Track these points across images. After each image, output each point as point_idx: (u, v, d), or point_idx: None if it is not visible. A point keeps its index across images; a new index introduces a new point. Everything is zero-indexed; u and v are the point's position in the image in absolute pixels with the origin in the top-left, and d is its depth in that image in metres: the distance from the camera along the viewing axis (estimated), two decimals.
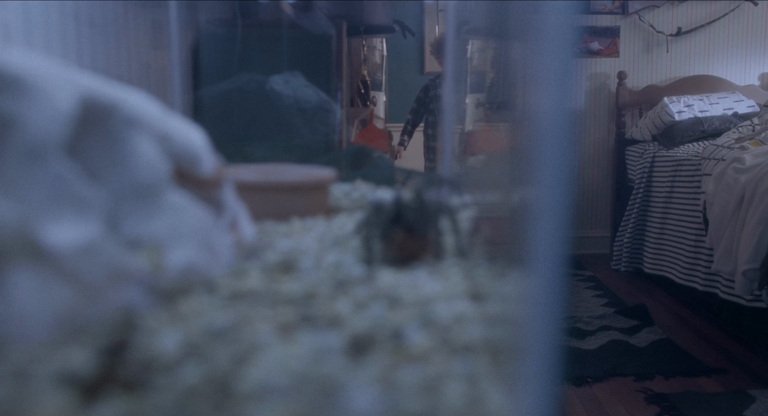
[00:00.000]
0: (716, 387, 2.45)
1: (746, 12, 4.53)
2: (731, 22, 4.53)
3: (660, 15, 4.49)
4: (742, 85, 4.51)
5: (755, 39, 4.58)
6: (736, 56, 4.58)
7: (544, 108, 0.33)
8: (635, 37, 4.50)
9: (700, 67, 4.56)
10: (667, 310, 3.37)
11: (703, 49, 4.55)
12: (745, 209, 2.67)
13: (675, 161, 3.59)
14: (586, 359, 2.70)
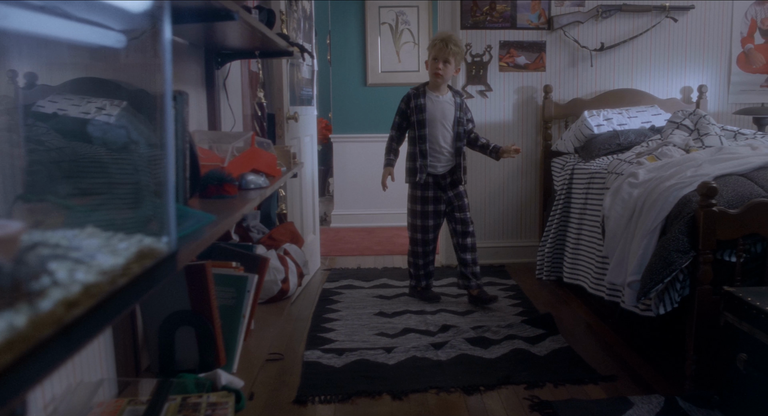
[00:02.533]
0: (601, 394, 2.56)
1: (667, 28, 4.69)
2: (653, 37, 4.68)
3: (584, 30, 4.62)
4: (664, 99, 4.66)
5: (676, 54, 4.73)
6: (659, 70, 4.73)
7: None
8: (561, 52, 4.63)
9: (624, 81, 4.70)
10: (577, 319, 3.48)
11: (626, 64, 4.69)
12: (635, 222, 2.79)
13: (589, 174, 3.71)
14: (484, 368, 2.80)
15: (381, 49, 6.13)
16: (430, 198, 3.67)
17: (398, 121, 3.72)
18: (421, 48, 6.10)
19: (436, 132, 3.61)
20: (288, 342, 3.17)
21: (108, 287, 0.68)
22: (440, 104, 3.64)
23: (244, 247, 2.08)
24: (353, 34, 6.14)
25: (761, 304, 2.16)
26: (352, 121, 6.22)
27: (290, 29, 3.69)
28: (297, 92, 3.93)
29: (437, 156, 3.63)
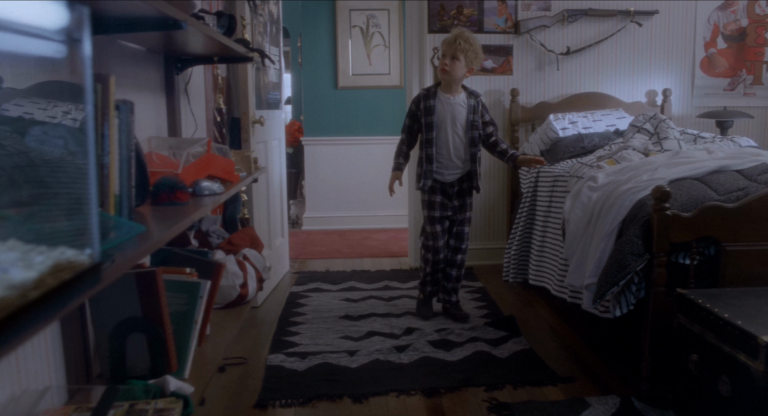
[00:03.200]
0: (559, 396, 2.59)
1: (632, 32, 4.75)
2: (618, 41, 4.75)
3: (551, 35, 4.67)
4: (630, 102, 4.72)
5: (641, 58, 4.80)
6: (624, 74, 4.79)
7: None
8: (528, 56, 4.67)
9: (589, 85, 4.76)
10: (541, 320, 3.52)
11: (592, 68, 4.75)
12: (593, 225, 2.83)
13: (554, 177, 3.75)
14: (446, 371, 2.82)
15: (352, 52, 6.14)
16: (437, 204, 3.46)
17: (408, 123, 3.50)
18: (392, 51, 6.12)
19: (446, 136, 3.38)
20: (252, 346, 3.18)
21: (17, 302, 0.68)
22: (451, 106, 3.39)
23: (200, 253, 2.09)
24: (324, 37, 6.15)
25: (711, 306, 2.21)
26: (324, 124, 6.23)
27: (255, 33, 3.70)
28: (263, 96, 3.94)
29: (445, 162, 3.40)
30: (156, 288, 1.69)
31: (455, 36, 3.36)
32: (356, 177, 6.25)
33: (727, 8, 4.88)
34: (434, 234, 3.49)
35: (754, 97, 4.97)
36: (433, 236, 3.49)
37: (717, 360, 2.17)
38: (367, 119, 6.23)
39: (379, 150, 6.18)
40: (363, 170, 6.24)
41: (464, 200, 3.51)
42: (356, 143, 6.24)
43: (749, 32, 4.91)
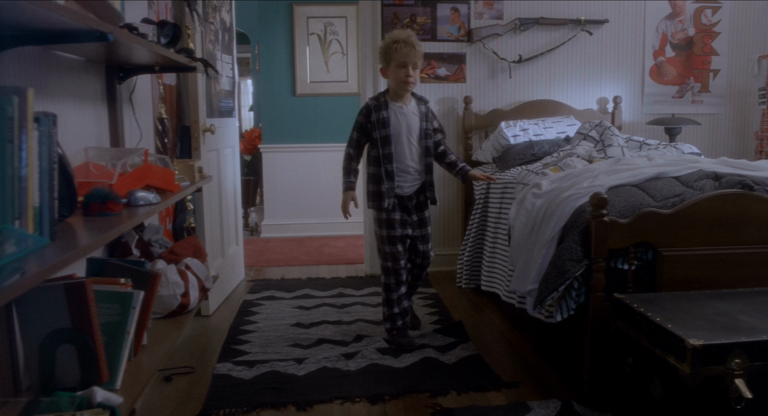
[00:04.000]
0: (502, 400, 2.63)
1: (583, 41, 4.84)
2: (569, 50, 4.83)
3: (503, 43, 4.74)
4: (581, 109, 4.80)
5: (592, 66, 4.88)
6: (575, 82, 4.88)
7: None
8: (481, 64, 4.73)
9: (542, 92, 4.83)
10: (491, 326, 3.56)
11: (544, 75, 4.82)
12: (536, 232, 2.87)
13: (504, 183, 3.80)
14: (392, 377, 2.84)
15: (310, 60, 6.16)
16: (397, 221, 3.18)
17: (356, 137, 3.19)
18: (350, 58, 6.14)
19: (403, 149, 3.14)
20: (201, 355, 3.17)
21: None
22: (405, 117, 3.15)
23: (136, 263, 2.08)
24: (282, 44, 6.16)
25: (645, 310, 2.26)
26: (282, 131, 6.23)
27: (205, 42, 3.70)
28: (215, 104, 3.93)
29: (404, 176, 3.17)
30: (85, 299, 1.68)
31: (409, 42, 3.08)
32: (315, 184, 6.26)
33: (674, 18, 4.99)
34: (395, 255, 3.20)
35: (702, 104, 5.09)
36: (394, 258, 3.20)
37: (650, 363, 2.22)
38: (325, 126, 6.24)
39: (337, 157, 6.09)
40: (322, 177, 6.25)
41: (423, 214, 3.28)
42: (315, 150, 6.25)
43: (696, 41, 5.03)
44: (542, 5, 4.76)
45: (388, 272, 3.22)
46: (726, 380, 1.99)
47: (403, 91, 3.15)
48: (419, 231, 3.27)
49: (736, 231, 2.63)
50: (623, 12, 4.89)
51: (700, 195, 2.65)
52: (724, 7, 5.02)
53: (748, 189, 2.69)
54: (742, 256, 2.64)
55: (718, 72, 5.09)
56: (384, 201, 3.14)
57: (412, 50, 3.08)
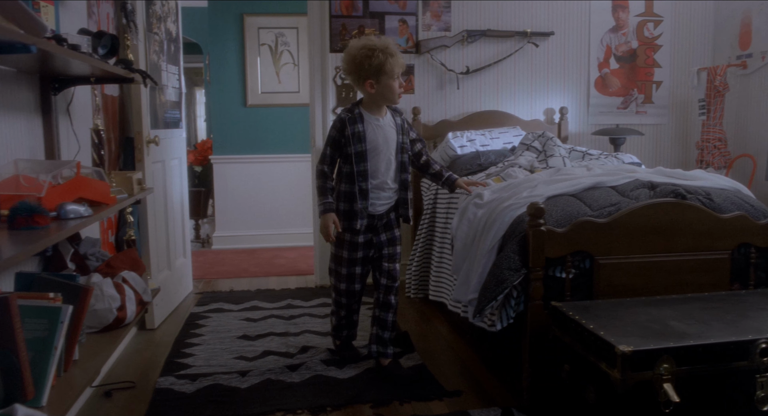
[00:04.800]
0: (444, 410, 2.64)
1: (529, 52, 4.92)
2: (516, 61, 4.90)
3: (451, 54, 4.79)
4: (528, 120, 4.87)
5: (538, 77, 4.97)
6: (522, 93, 4.95)
7: None
8: (429, 75, 4.77)
9: (489, 103, 4.89)
10: (438, 336, 3.58)
11: (491, 87, 4.89)
12: (478, 241, 2.90)
13: (450, 194, 3.83)
14: (336, 388, 2.84)
15: (261, 70, 6.14)
16: (361, 244, 2.97)
17: (330, 153, 2.91)
18: (301, 69, 6.14)
19: (379, 165, 2.90)
20: (143, 370, 3.12)
21: None
22: (382, 130, 2.91)
23: (68, 277, 2.05)
24: (232, 54, 6.13)
25: (579, 318, 2.30)
26: (233, 142, 6.19)
27: (150, 52, 3.67)
28: (160, 115, 3.89)
29: (378, 193, 2.93)
30: (9, 314, 1.65)
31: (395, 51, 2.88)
32: (266, 195, 6.23)
33: (618, 31, 5.11)
34: (352, 277, 3.02)
35: (646, 115, 5.21)
36: (350, 279, 3.02)
37: (585, 370, 2.26)
38: (276, 137, 6.23)
39: (289, 168, 6.20)
40: (273, 188, 6.23)
41: (393, 233, 3.03)
42: (266, 161, 6.23)
43: (639, 54, 5.15)
44: (489, 17, 4.83)
45: (340, 293, 3.07)
46: (655, 385, 2.04)
47: (394, 103, 2.97)
48: (387, 250, 3.02)
49: (670, 239, 2.70)
50: (568, 25, 4.99)
51: (635, 204, 2.71)
52: (665, 20, 5.16)
53: (681, 198, 2.77)
54: (675, 263, 2.71)
55: (660, 84, 5.22)
56: (356, 222, 2.91)
57: (400, 58, 2.90)
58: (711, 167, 4.71)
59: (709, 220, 2.72)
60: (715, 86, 4.70)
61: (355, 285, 3.05)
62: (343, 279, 3.04)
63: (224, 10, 6.08)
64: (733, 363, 2.10)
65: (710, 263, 2.74)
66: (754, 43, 4.79)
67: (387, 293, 3.04)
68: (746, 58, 4.87)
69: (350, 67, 2.89)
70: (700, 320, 2.29)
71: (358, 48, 2.86)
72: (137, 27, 3.30)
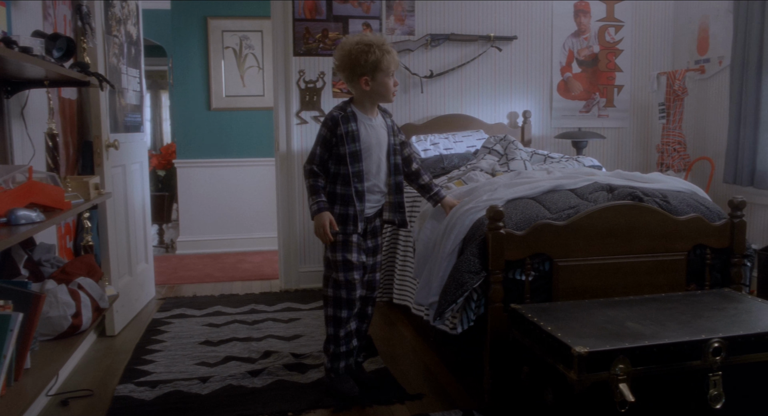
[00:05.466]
0: (405, 413, 2.65)
1: (493, 57, 4.95)
2: (480, 65, 4.94)
3: (415, 58, 4.81)
4: (492, 124, 4.91)
5: (502, 81, 5.00)
6: (486, 96, 4.98)
7: None
8: None
9: (453, 107, 4.91)
10: (402, 339, 3.58)
11: (455, 90, 4.91)
12: (439, 245, 2.91)
13: (413, 197, 3.83)
14: (298, 393, 2.82)
15: (225, 73, 6.10)
16: (355, 245, 2.77)
17: (321, 153, 2.75)
18: (266, 72, 6.11)
19: (372, 167, 2.78)
20: (102, 377, 3.07)
21: None
22: (375, 130, 2.79)
23: (19, 283, 2.01)
24: (196, 57, 6.08)
25: (538, 320, 2.32)
26: (197, 146, 6.13)
27: (109, 55, 3.62)
28: (120, 119, 3.84)
29: (369, 196, 2.81)
30: None
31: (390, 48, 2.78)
32: (231, 199, 6.19)
33: (580, 35, 5.17)
34: (351, 284, 2.77)
35: (608, 118, 5.28)
36: (350, 286, 2.77)
37: (543, 371, 2.27)
38: (241, 141, 6.19)
39: (254, 172, 6.16)
40: (238, 192, 6.18)
41: (377, 241, 2.91)
42: (230, 165, 6.18)
43: (601, 58, 5.22)
44: (453, 21, 4.86)
45: (340, 304, 2.78)
46: (611, 385, 2.06)
47: (388, 101, 2.85)
48: (372, 259, 2.88)
49: (627, 241, 2.73)
50: (531, 29, 5.03)
51: (593, 207, 2.74)
52: (626, 26, 5.23)
53: (638, 201, 2.80)
54: (633, 265, 2.74)
55: (622, 87, 5.29)
56: (350, 225, 2.75)
57: (395, 56, 2.80)
58: (671, 169, 4.79)
59: (666, 222, 2.76)
60: (674, 90, 4.78)
61: (356, 292, 2.78)
62: (342, 286, 2.78)
63: (187, 13, 6.02)
64: (687, 363, 2.14)
65: (667, 264, 2.78)
66: (711, 48, 4.88)
67: (365, 304, 2.91)
68: (704, 63, 4.96)
69: (345, 63, 2.76)
70: (655, 320, 2.32)
71: (354, 43, 2.74)
72: (93, 29, 3.26)
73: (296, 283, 4.73)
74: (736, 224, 2.84)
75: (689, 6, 5.11)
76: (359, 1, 4.67)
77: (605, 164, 5.18)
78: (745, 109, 4.29)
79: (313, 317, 3.95)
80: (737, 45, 4.35)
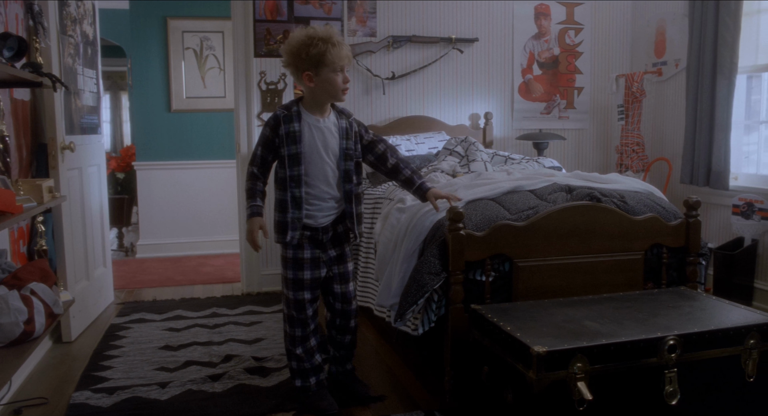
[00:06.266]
0: (368, 415, 2.63)
1: (455, 58, 4.98)
2: (442, 67, 4.95)
3: (377, 60, 4.81)
4: (454, 125, 4.93)
5: (464, 83, 5.03)
6: (448, 98, 5.00)
7: None
8: (354, 80, 4.77)
9: (415, 109, 4.92)
10: (365, 341, 3.57)
11: (417, 92, 4.92)
12: (400, 246, 2.91)
13: (375, 199, 3.83)
14: (259, 397, 2.79)
15: (185, 75, 6.03)
16: (306, 261, 2.63)
17: (261, 153, 2.59)
18: (227, 74, 6.06)
19: (316, 171, 2.58)
20: (58, 385, 3.01)
21: None
22: (321, 132, 2.58)
23: None
24: (156, 58, 5.99)
25: (498, 320, 2.33)
26: (157, 148, 6.05)
27: (65, 56, 3.55)
28: (76, 121, 3.77)
29: (317, 204, 2.61)
30: None
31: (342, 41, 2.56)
32: (192, 202, 6.11)
33: (540, 38, 5.22)
34: (300, 304, 2.64)
35: (568, 120, 5.33)
36: (299, 306, 2.64)
37: (503, 371, 2.28)
38: (202, 143, 6.12)
39: (215, 174, 6.10)
40: (199, 194, 6.11)
41: (343, 249, 2.72)
42: (191, 167, 6.11)
43: (561, 60, 5.28)
44: (415, 23, 4.87)
45: (293, 322, 2.67)
46: (569, 383, 2.08)
47: (337, 100, 2.62)
48: (337, 269, 2.71)
49: (586, 241, 2.76)
50: (492, 31, 5.07)
51: (552, 207, 2.76)
52: (585, 28, 5.30)
53: (596, 201, 2.83)
54: (591, 264, 2.77)
55: (582, 89, 5.35)
56: (288, 234, 2.58)
57: (347, 50, 2.57)
58: (630, 170, 4.86)
59: (623, 222, 2.80)
60: (632, 92, 4.85)
61: (307, 311, 2.66)
62: (291, 306, 2.65)
63: (147, 13, 5.94)
64: (644, 360, 2.16)
65: (625, 263, 2.82)
66: (668, 51, 4.97)
67: (346, 318, 2.77)
68: (661, 66, 5.04)
69: (288, 58, 2.57)
70: (613, 319, 2.34)
71: (298, 37, 2.55)
72: (45, 29, 3.19)
73: (258, 286, 4.69)
74: (691, 224, 2.89)
75: (647, 9, 5.19)
76: (320, 2, 4.65)
77: (566, 165, 5.24)
78: (700, 111, 4.37)
79: (274, 320, 3.92)
80: (693, 48, 4.44)
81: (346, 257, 2.74)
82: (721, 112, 4.23)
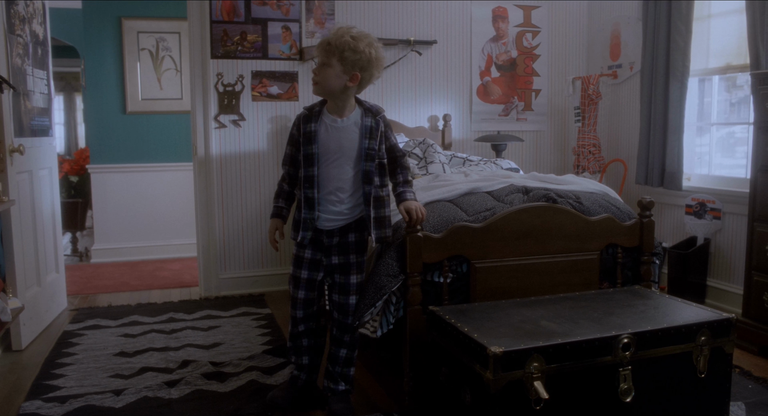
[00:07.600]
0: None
1: (413, 60, 4.98)
2: (401, 69, 4.96)
3: None
4: (413, 127, 4.94)
5: (423, 84, 5.04)
6: (407, 100, 5.01)
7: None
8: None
9: None
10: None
11: (376, 94, 4.91)
12: None
13: None
14: (216, 403, 2.75)
15: (141, 76, 5.92)
16: (306, 261, 2.60)
17: (290, 152, 2.57)
18: (184, 75, 5.97)
19: (329, 172, 2.51)
20: (7, 395, 2.92)
21: None
22: (338, 132, 2.48)
23: None
24: (110, 59, 5.88)
25: (455, 321, 2.33)
26: (112, 150, 5.93)
27: (12, 56, 3.46)
28: (26, 122, 3.68)
29: (326, 206, 2.54)
30: None
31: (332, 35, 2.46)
32: (148, 205, 6.01)
33: (498, 40, 5.26)
34: (294, 302, 2.64)
35: (526, 122, 5.38)
36: (293, 303, 2.65)
37: (461, 372, 2.29)
38: (158, 145, 6.02)
39: (172, 177, 6.01)
40: (156, 197, 6.01)
41: (348, 258, 2.59)
42: (147, 170, 6.01)
43: (519, 63, 5.32)
44: (373, 25, 4.86)
45: (295, 321, 2.67)
46: (526, 383, 2.09)
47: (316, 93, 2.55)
48: (338, 278, 2.60)
49: (542, 242, 2.79)
50: (451, 34, 5.09)
51: (508, 209, 2.78)
52: (542, 31, 5.35)
53: (552, 202, 2.86)
54: (548, 265, 2.80)
55: (539, 92, 5.41)
56: (299, 234, 2.55)
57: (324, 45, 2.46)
58: (587, 171, 4.93)
59: (579, 222, 2.83)
60: (588, 95, 4.92)
61: (298, 312, 2.63)
62: (291, 303, 2.67)
63: (100, 13, 5.82)
64: (599, 359, 2.19)
65: (581, 263, 2.85)
66: (623, 54, 5.05)
67: (340, 330, 2.65)
68: (616, 69, 5.12)
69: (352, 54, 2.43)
70: (569, 318, 2.37)
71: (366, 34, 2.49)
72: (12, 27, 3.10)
73: (217, 290, 4.63)
74: (645, 224, 2.94)
75: (602, 13, 5.27)
76: (278, 3, 4.61)
77: (523, 167, 5.28)
78: (654, 113, 4.45)
79: (233, 324, 3.87)
80: (646, 51, 4.52)
81: (350, 267, 2.60)
82: (674, 114, 4.31)
